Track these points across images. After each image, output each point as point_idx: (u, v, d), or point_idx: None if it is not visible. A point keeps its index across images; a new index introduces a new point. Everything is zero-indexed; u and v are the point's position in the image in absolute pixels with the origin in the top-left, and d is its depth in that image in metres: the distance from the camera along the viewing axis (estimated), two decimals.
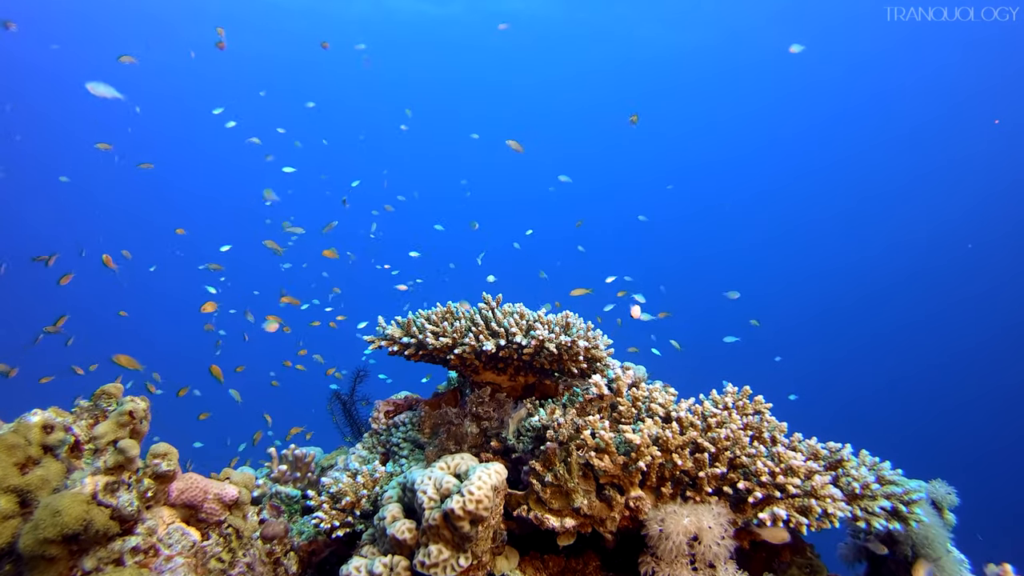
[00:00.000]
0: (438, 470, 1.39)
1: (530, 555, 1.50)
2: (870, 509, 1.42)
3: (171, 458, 1.34)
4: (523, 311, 1.77)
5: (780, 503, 1.35)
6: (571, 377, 1.85)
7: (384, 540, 1.35)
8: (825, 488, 1.34)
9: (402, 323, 1.83)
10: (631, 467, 1.38)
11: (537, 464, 1.43)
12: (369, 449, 1.87)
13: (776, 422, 1.51)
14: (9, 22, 2.52)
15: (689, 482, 1.41)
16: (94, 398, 1.42)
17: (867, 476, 1.46)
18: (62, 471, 1.30)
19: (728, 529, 1.31)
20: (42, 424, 1.31)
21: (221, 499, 1.41)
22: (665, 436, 1.39)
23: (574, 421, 1.46)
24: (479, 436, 1.70)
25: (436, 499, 1.30)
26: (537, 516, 1.39)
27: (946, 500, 1.55)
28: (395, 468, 1.74)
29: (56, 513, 1.14)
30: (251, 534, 1.49)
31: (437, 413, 1.83)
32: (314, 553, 1.58)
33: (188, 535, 1.34)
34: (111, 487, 1.26)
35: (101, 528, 1.20)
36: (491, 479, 1.29)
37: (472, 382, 1.89)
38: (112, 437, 1.34)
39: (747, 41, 15.89)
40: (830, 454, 1.51)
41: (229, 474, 1.53)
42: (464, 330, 1.74)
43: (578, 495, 1.39)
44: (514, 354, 1.72)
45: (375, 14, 14.97)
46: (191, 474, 1.41)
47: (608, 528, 1.40)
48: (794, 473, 1.35)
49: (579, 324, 1.74)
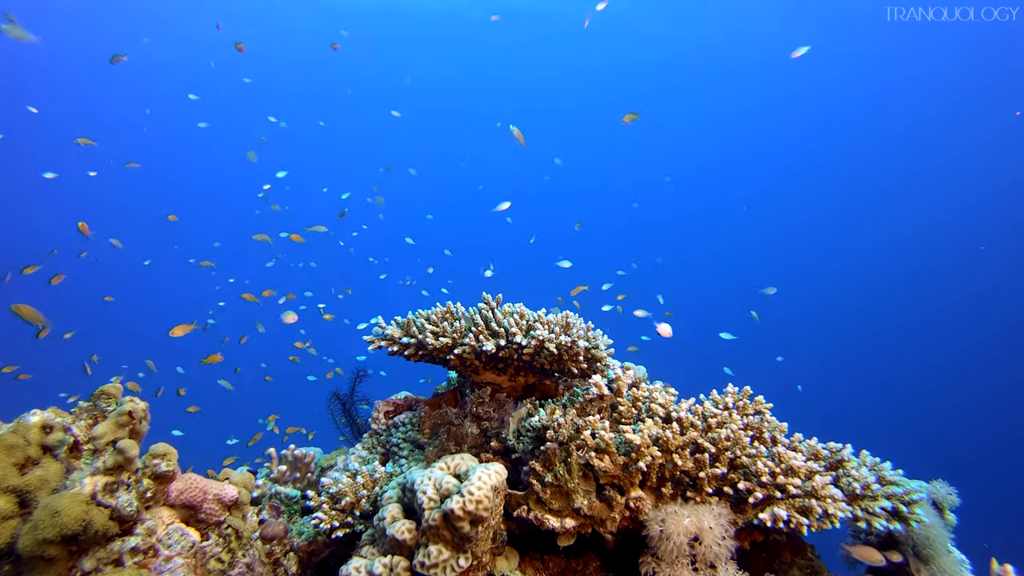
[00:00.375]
0: (438, 470, 1.38)
1: (530, 556, 1.50)
2: (871, 509, 1.41)
3: (170, 458, 1.34)
4: (523, 311, 1.76)
5: (781, 503, 1.35)
6: (571, 377, 1.85)
7: (384, 541, 1.35)
8: (826, 488, 1.34)
9: (402, 323, 1.83)
10: (631, 467, 1.38)
11: (537, 464, 1.43)
12: (369, 449, 1.87)
13: (776, 422, 1.50)
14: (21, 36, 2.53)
15: (689, 482, 1.40)
16: (93, 398, 1.42)
17: (868, 476, 1.46)
18: (61, 471, 1.29)
19: (729, 529, 1.31)
20: (41, 424, 1.31)
21: (220, 499, 1.41)
22: (665, 436, 1.39)
23: (574, 421, 1.46)
24: (479, 436, 1.70)
25: (436, 499, 1.29)
26: (537, 516, 1.38)
27: (947, 500, 1.55)
28: (395, 468, 1.74)
29: (55, 513, 1.14)
30: (250, 535, 1.48)
31: (437, 413, 1.83)
32: (314, 554, 1.58)
33: (187, 535, 1.34)
34: (110, 487, 1.26)
35: (100, 528, 1.20)
36: (491, 479, 1.29)
37: (472, 382, 1.89)
38: (111, 437, 1.33)
39: (746, 40, 15.90)
40: (831, 454, 1.51)
41: (228, 474, 1.52)
42: (464, 330, 1.73)
43: (578, 495, 1.39)
44: (514, 354, 1.72)
45: (377, 5, 14.96)
46: (190, 474, 1.41)
47: (608, 529, 1.40)
48: (795, 473, 1.35)
49: (579, 324, 1.74)
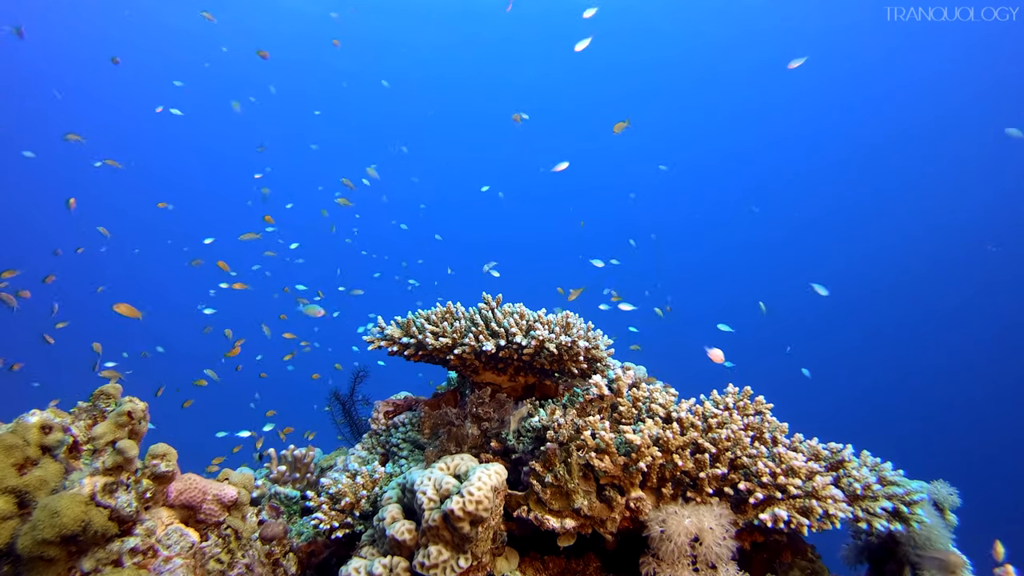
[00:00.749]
0: (438, 471, 1.38)
1: (530, 556, 1.49)
2: (871, 510, 1.41)
3: (170, 459, 1.34)
4: (523, 311, 1.76)
5: (781, 504, 1.34)
6: (571, 377, 1.84)
7: (384, 541, 1.35)
8: (826, 489, 1.34)
9: (401, 323, 1.83)
10: (632, 468, 1.37)
11: (537, 465, 1.43)
12: (368, 450, 1.87)
13: (777, 422, 1.50)
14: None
15: (690, 483, 1.40)
16: (92, 398, 1.41)
17: (868, 477, 1.45)
18: (60, 472, 1.29)
19: (729, 530, 1.31)
20: (40, 424, 1.31)
21: (220, 500, 1.40)
22: (666, 437, 1.38)
23: (574, 422, 1.46)
24: (479, 437, 1.70)
25: (436, 500, 1.29)
26: (537, 517, 1.38)
27: (948, 501, 1.55)
28: (395, 469, 1.74)
29: (54, 514, 1.13)
30: (250, 535, 1.48)
31: (437, 414, 1.83)
32: (313, 554, 1.58)
33: (187, 536, 1.34)
34: (110, 488, 1.25)
35: (100, 529, 1.19)
36: (491, 480, 1.28)
37: (472, 382, 1.89)
38: (111, 438, 1.33)
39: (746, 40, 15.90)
40: (831, 455, 1.50)
41: (228, 474, 1.52)
42: (464, 330, 1.73)
43: (578, 496, 1.38)
44: (514, 354, 1.71)
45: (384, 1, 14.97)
46: (190, 475, 1.40)
47: (609, 529, 1.39)
48: (795, 474, 1.35)
49: (579, 324, 1.74)
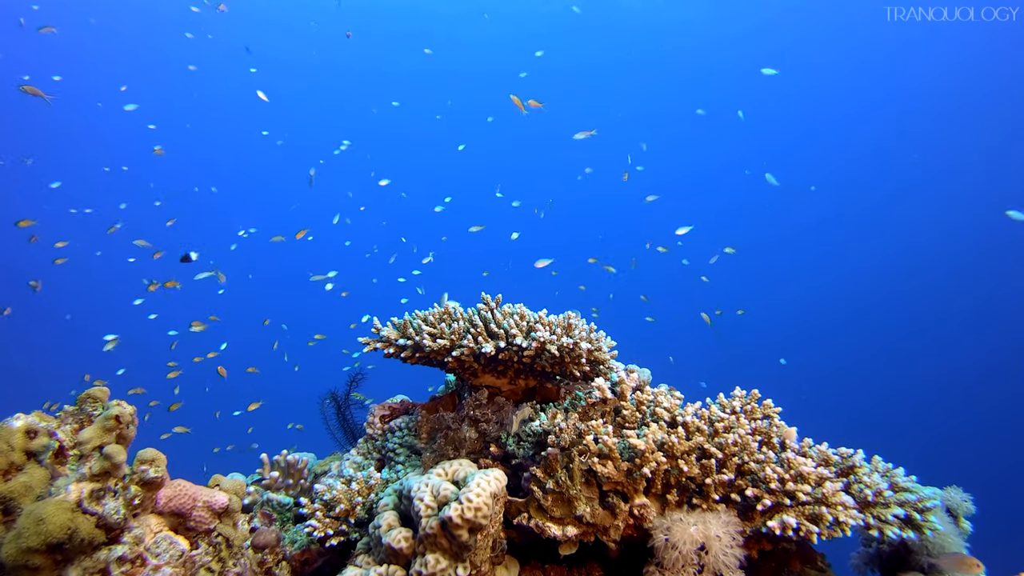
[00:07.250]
0: (435, 476, 1.34)
1: (531, 565, 1.46)
2: (883, 517, 1.37)
3: (159, 464, 1.30)
4: (524, 312, 1.72)
5: (790, 511, 1.31)
6: (573, 380, 1.81)
7: (379, 549, 1.31)
8: (837, 495, 1.30)
9: (398, 324, 1.79)
10: (635, 473, 1.34)
11: (538, 470, 1.39)
12: (364, 455, 1.83)
13: (786, 427, 1.46)
14: None
15: (695, 489, 1.36)
16: (79, 402, 1.38)
17: (880, 483, 1.41)
18: (46, 478, 1.26)
19: (736, 538, 1.27)
20: (25, 429, 1.27)
21: (211, 507, 1.37)
22: (671, 441, 1.35)
23: (576, 426, 1.42)
24: (478, 441, 1.66)
25: (433, 507, 1.25)
26: (538, 524, 1.34)
27: (962, 508, 1.51)
28: (391, 474, 1.70)
29: (40, 521, 1.11)
30: (242, 543, 1.44)
31: (434, 418, 1.79)
32: (307, 563, 1.54)
33: (176, 544, 1.30)
34: (97, 494, 1.22)
35: (86, 537, 1.17)
36: (490, 486, 1.24)
37: (471, 385, 1.85)
38: (98, 442, 1.30)
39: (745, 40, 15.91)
40: (841, 460, 1.46)
41: (219, 481, 1.48)
42: (462, 332, 1.69)
43: (580, 502, 1.34)
44: (514, 356, 1.67)
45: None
46: (179, 481, 1.37)
47: (611, 537, 1.36)
48: (804, 480, 1.31)
49: (582, 325, 1.70)
